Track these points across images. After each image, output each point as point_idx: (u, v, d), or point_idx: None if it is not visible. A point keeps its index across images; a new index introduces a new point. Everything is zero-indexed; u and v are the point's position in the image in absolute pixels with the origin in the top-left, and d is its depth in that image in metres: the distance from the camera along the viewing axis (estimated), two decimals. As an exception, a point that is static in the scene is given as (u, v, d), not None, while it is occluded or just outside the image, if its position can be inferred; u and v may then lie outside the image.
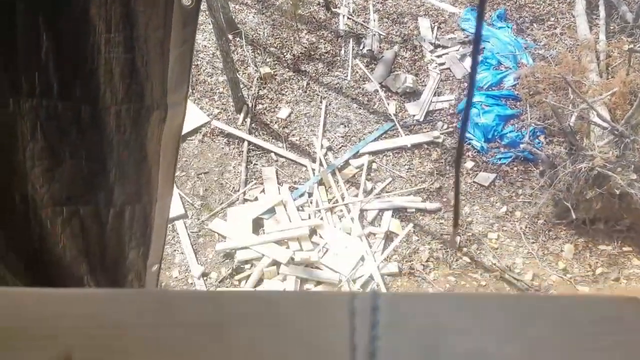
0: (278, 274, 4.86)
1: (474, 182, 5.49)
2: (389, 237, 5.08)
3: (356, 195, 5.32)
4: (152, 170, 1.63)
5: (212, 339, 0.38)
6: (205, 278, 4.94)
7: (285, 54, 6.40)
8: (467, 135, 5.80)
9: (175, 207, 5.25)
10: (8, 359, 0.37)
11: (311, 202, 5.27)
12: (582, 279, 5.02)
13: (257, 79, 6.15)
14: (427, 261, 5.02)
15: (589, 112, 5.74)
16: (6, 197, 1.18)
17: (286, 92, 6.13)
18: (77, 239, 1.40)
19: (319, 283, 4.80)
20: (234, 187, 5.45)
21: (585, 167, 5.28)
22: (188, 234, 5.16)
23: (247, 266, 4.98)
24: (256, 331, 0.38)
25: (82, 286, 1.59)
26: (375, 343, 0.36)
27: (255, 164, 5.61)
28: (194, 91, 6.11)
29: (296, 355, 0.37)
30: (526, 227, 5.29)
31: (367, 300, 0.37)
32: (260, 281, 4.86)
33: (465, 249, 5.11)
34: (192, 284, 4.92)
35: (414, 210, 5.25)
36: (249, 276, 4.88)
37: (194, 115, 5.80)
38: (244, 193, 5.38)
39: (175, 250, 5.13)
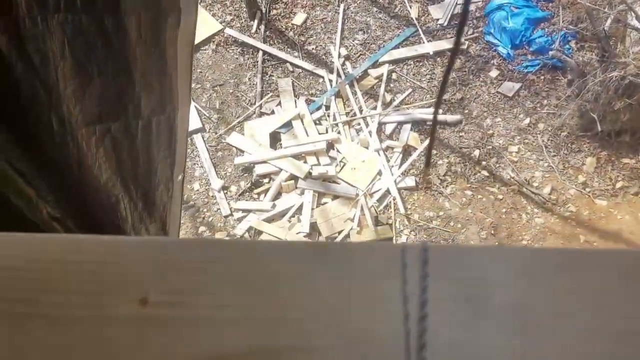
0: (296, 187, 4.93)
1: (497, 92, 5.30)
2: (407, 150, 5.04)
3: (374, 108, 5.20)
4: (172, 78, 1.62)
5: (269, 289, 0.40)
6: (225, 191, 5.04)
7: (300, -49, 5.94)
8: (493, 41, 5.49)
9: (193, 121, 5.23)
10: (93, 301, 0.39)
11: (328, 116, 5.19)
12: (601, 193, 4.99)
13: (271, -19, 5.79)
14: (444, 175, 5.01)
15: (626, 15, 5.34)
16: (47, 123, 1.19)
17: (302, -6, 5.78)
18: (111, 158, 1.40)
19: (336, 197, 4.87)
20: (249, 100, 5.36)
21: (616, 76, 5.02)
22: (207, 148, 5.19)
23: (266, 180, 5.05)
24: (312, 282, 0.40)
25: (117, 207, 1.61)
26: (425, 294, 0.38)
27: (270, 76, 5.45)
28: (205, -4, 5.80)
29: (352, 306, 0.39)
30: (548, 140, 5.17)
31: (417, 253, 0.39)
32: (278, 195, 4.95)
33: (484, 163, 5.07)
34: (212, 196, 5.04)
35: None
36: (267, 190, 4.97)
37: (206, 23, 5.56)
38: (260, 106, 5.30)
39: (195, 164, 5.20)
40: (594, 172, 5.13)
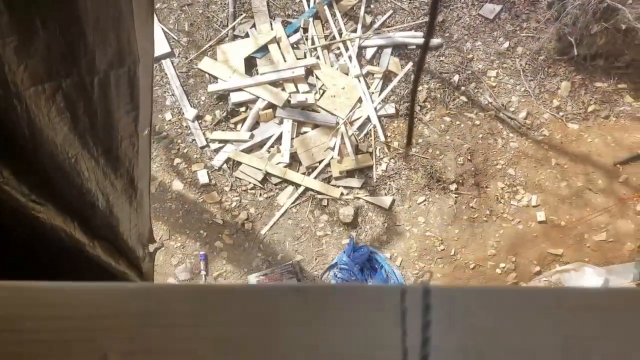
0: (274, 116, 4.80)
1: (478, 14, 5.16)
2: (387, 77, 4.94)
3: (354, 31, 4.99)
4: (130, 26, 1.52)
5: (262, 336, 0.37)
6: (199, 121, 4.86)
7: None
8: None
9: (161, 45, 4.90)
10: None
11: (306, 39, 4.96)
12: (574, 117, 5.10)
13: None
14: (424, 101, 4.98)
15: None
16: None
17: None
18: (65, 116, 1.34)
19: (315, 126, 4.79)
20: (221, 22, 5.03)
21: (595, -1, 4.97)
22: (177, 74, 4.92)
23: (242, 109, 4.87)
24: (305, 331, 0.37)
25: (78, 167, 1.56)
26: (427, 347, 0.35)
27: (243, -6, 5.09)
28: None
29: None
30: (526, 64, 5.16)
31: (419, 297, 0.37)
32: (256, 124, 4.82)
33: (463, 88, 5.04)
34: (186, 127, 4.86)
35: (414, 46, 5.01)
36: (244, 119, 4.82)
37: None
38: (233, 28, 4.99)
39: (165, 92, 4.94)
40: (568, 96, 5.21)
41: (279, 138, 4.74)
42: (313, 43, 4.93)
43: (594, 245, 4.26)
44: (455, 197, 4.52)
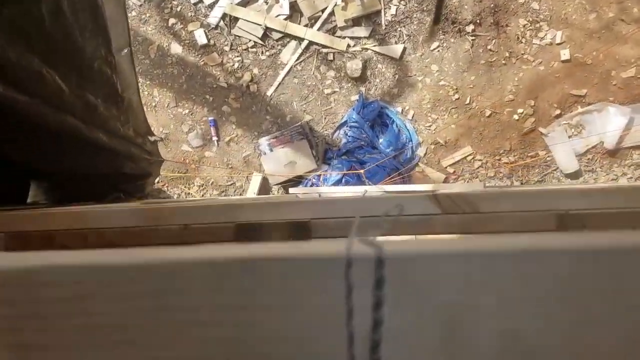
0: (269, -39, 4.31)
1: None
2: None
3: None
4: None
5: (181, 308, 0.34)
6: (188, -26, 4.41)
7: None
8: None
9: None
10: None
11: None
12: None
13: None
14: None
15: None
16: None
17: None
18: (15, 41, 1.31)
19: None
20: None
21: None
22: None
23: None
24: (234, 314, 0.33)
25: (44, 80, 1.61)
26: (378, 332, 0.31)
27: None
28: None
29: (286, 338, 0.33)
30: None
31: (369, 270, 0.31)
32: (250, -28, 4.36)
33: None
34: (175, -19, 4.43)
35: None
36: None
37: None
38: None
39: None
40: None
41: (277, -13, 4.31)
42: None
43: (620, 82, 4.00)
44: (472, 39, 4.18)
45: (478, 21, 4.20)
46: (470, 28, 4.18)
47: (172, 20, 4.47)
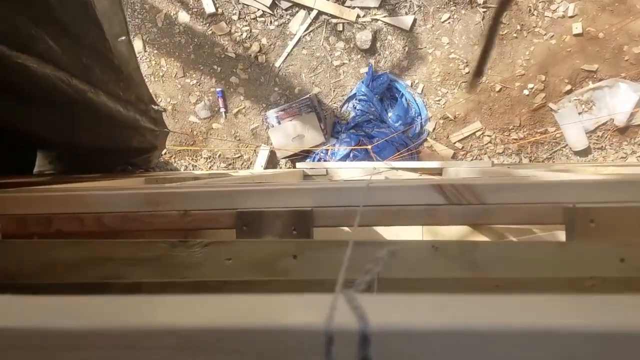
0: None
1: None
2: None
3: None
4: None
5: None
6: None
7: None
8: None
9: None
10: None
11: None
12: None
13: None
14: None
15: None
16: None
17: None
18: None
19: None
20: None
21: None
22: None
23: None
24: None
25: (36, 42, 1.70)
26: None
27: None
28: None
29: None
30: None
31: (352, 348, 0.28)
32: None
33: None
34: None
35: None
36: None
37: None
38: None
39: None
40: None
41: (286, -45, 4.23)
42: None
43: (633, 58, 3.94)
44: (483, 11, 4.11)
45: (490, -7, 4.13)
46: (481, 0, 4.11)
47: (178, -13, 4.41)
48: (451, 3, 4.14)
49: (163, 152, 4.37)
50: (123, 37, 2.05)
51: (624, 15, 3.95)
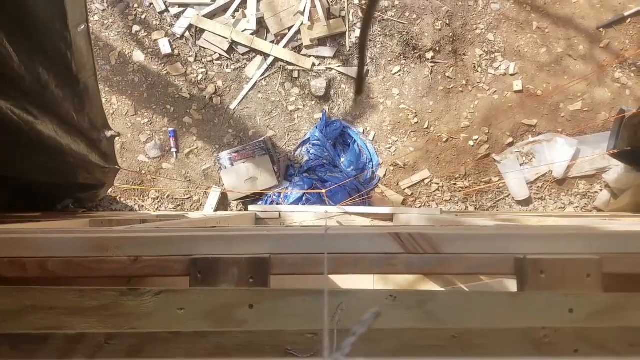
0: (237, -24, 4.32)
1: None
2: None
3: None
4: None
5: None
6: (154, -18, 4.35)
7: None
8: None
9: None
10: None
11: None
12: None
13: None
14: (403, -45, 4.50)
15: None
16: None
17: None
18: None
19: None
20: None
21: None
22: None
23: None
24: None
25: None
26: None
27: None
28: None
29: None
30: None
31: None
32: (218, -15, 4.35)
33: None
34: (140, -11, 4.36)
35: None
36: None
37: None
38: None
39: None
40: (558, -51, 4.77)
41: (244, 1, 4.33)
42: None
43: (568, 115, 4.23)
44: (432, 66, 4.32)
45: (437, 49, 4.35)
46: (430, 55, 4.33)
47: (135, 28, 4.39)
48: (402, 57, 4.33)
49: (109, 190, 4.22)
50: (83, 26, 1.91)
51: (559, 76, 4.26)
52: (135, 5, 4.39)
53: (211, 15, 4.36)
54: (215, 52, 4.35)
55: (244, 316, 0.92)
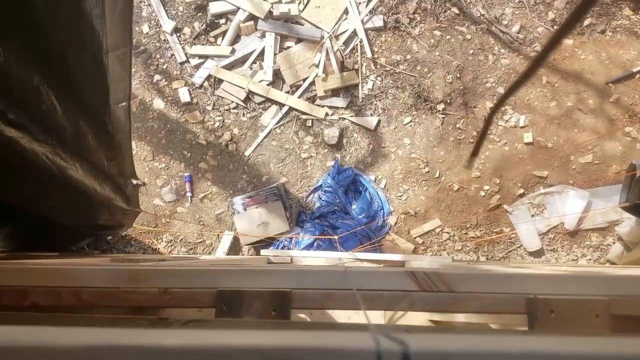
0: (256, 29, 4.54)
1: None
2: (376, -13, 4.61)
3: None
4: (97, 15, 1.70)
5: None
6: (178, 34, 4.59)
7: None
8: None
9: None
10: None
11: (289, -56, 4.55)
12: (569, 32, 4.89)
13: None
14: (414, 13, 4.71)
15: None
16: None
17: None
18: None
19: (299, 40, 4.55)
20: None
21: None
22: (150, -17, 4.56)
23: (222, 21, 4.59)
24: None
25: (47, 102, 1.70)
26: None
27: None
28: None
29: None
30: (524, -27, 4.84)
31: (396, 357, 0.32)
32: (237, 38, 4.57)
33: None
34: (164, 40, 4.59)
35: (405, -47, 4.64)
36: (224, 32, 4.56)
37: None
38: None
39: (141, 2, 4.61)
40: (564, 9, 4.97)
41: (261, 53, 4.52)
42: (297, -52, 4.54)
43: (579, 167, 4.28)
44: (442, 117, 4.43)
45: (448, 101, 4.48)
46: (441, 107, 4.45)
47: (157, 77, 4.59)
48: (413, 108, 4.45)
49: (124, 232, 4.29)
50: (124, 103, 2.09)
51: (569, 129, 4.34)
52: (157, 56, 4.60)
53: (230, 67, 4.55)
54: (233, 101, 4.51)
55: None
